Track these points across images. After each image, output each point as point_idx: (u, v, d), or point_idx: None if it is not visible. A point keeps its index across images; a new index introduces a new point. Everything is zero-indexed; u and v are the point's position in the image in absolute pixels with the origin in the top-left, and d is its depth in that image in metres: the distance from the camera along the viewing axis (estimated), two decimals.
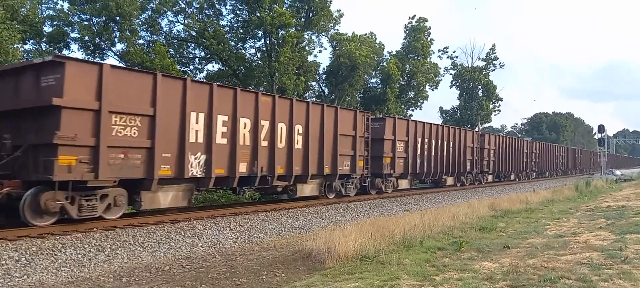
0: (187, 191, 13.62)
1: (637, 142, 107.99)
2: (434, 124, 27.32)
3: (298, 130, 16.91)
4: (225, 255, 10.87)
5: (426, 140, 25.82)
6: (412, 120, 25.33)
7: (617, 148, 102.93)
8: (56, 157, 10.37)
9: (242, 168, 14.75)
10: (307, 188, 18.09)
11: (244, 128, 14.81)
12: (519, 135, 79.18)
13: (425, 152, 25.75)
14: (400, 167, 23.58)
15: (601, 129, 56.23)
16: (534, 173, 46.14)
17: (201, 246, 11.66)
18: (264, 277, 8.72)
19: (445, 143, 27.96)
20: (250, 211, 15.37)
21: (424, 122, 26.13)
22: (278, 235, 13.62)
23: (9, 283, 8.28)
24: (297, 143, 16.87)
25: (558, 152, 55.55)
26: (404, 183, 24.74)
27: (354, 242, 9.31)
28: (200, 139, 13.44)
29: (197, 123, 13.36)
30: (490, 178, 35.76)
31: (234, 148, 14.41)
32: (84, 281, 8.71)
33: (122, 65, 22.09)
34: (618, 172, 57.41)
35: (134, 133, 11.82)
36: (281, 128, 16.21)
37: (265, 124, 15.56)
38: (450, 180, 29.35)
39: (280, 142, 16.16)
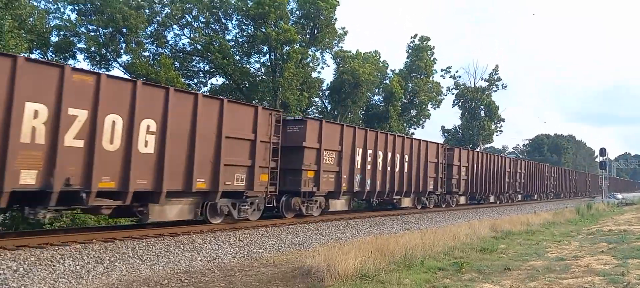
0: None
1: (639, 166, 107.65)
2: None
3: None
4: (224, 271, 10.81)
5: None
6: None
7: (618, 172, 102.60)
8: None
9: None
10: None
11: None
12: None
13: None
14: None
15: (603, 152, 56.27)
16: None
17: (200, 260, 11.60)
18: None
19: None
20: (250, 226, 15.30)
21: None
22: (277, 251, 13.55)
23: None
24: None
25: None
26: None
27: (353, 260, 9.25)
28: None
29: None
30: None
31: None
32: None
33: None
34: (619, 196, 57.21)
35: None
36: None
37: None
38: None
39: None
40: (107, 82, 11.04)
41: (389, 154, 21.77)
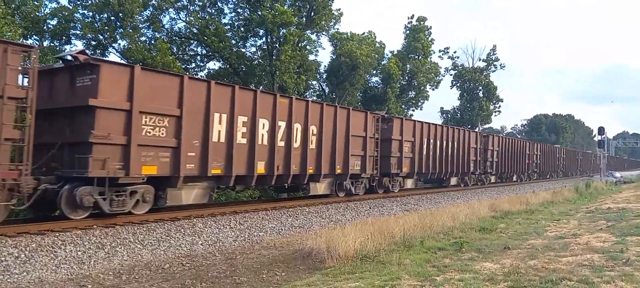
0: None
1: (637, 144, 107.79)
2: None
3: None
4: (225, 254, 10.86)
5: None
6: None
7: (616, 151, 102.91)
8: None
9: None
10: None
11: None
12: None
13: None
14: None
15: (601, 130, 56.16)
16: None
17: (201, 244, 11.64)
18: (264, 275, 8.71)
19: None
20: (250, 209, 15.34)
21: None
22: (278, 234, 13.61)
23: (8, 280, 8.26)
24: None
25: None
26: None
27: (354, 242, 9.31)
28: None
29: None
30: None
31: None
32: (84, 278, 8.69)
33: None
34: (618, 174, 57.40)
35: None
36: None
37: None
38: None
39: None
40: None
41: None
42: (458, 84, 55.35)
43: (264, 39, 31.68)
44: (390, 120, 23.00)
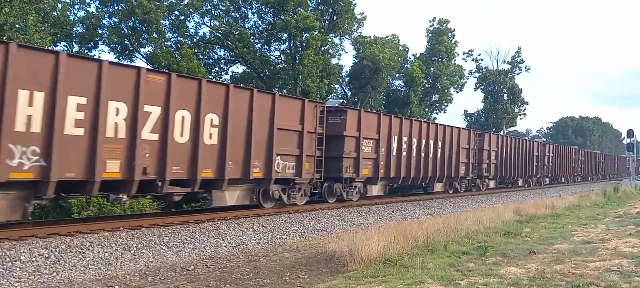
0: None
1: None
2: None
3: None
4: (248, 256, 10.94)
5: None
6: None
7: None
8: None
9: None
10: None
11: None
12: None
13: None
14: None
15: (630, 133, 54.82)
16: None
17: (225, 246, 11.76)
18: (286, 278, 8.76)
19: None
20: (273, 212, 15.43)
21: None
22: (300, 237, 13.65)
23: (38, 280, 8.47)
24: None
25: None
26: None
27: (376, 245, 9.27)
28: None
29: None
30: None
31: None
32: (111, 279, 8.87)
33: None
34: None
35: None
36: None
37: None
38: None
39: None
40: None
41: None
42: (482, 87, 54.83)
43: (287, 43, 31.93)
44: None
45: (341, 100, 12.94)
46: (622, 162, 72.08)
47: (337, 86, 38.39)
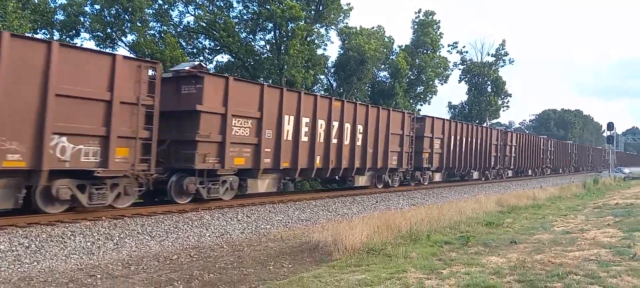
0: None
1: None
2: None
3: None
4: (232, 246, 10.93)
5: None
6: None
7: (626, 146, 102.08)
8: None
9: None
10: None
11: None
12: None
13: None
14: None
15: (610, 126, 55.65)
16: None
17: (209, 236, 11.73)
18: (270, 267, 8.78)
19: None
20: (258, 202, 15.43)
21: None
22: (285, 227, 13.66)
23: (19, 269, 8.37)
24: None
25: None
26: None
27: (360, 235, 9.34)
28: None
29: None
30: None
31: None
32: (93, 268, 8.79)
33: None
34: (626, 170, 56.96)
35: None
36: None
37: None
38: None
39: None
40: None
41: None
42: (466, 79, 55.18)
43: (272, 33, 31.74)
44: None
45: (198, 62, 11.81)
46: (597, 154, 73.26)
47: (322, 77, 38.34)
